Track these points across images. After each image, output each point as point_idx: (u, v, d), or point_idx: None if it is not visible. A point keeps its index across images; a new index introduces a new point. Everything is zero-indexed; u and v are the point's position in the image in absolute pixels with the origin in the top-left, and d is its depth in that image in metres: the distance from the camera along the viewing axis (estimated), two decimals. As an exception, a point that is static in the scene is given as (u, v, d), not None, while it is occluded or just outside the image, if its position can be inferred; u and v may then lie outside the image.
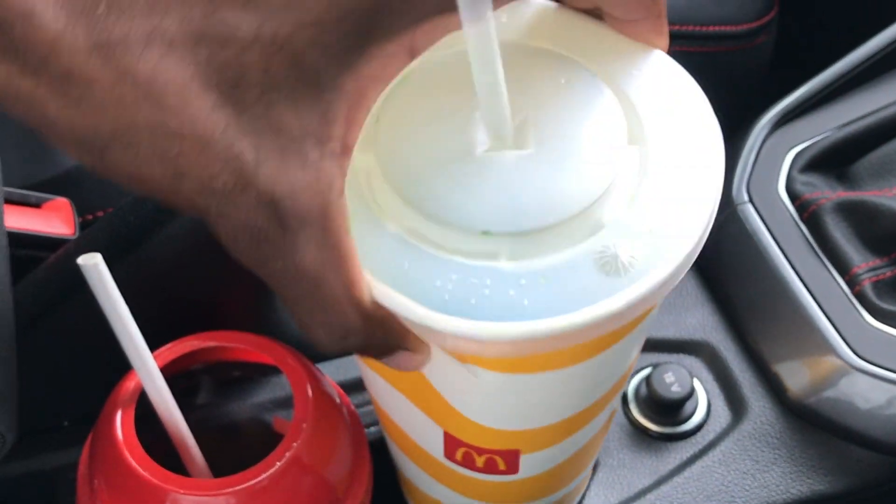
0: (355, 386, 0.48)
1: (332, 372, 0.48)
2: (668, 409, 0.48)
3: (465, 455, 0.34)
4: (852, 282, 0.49)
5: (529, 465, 0.35)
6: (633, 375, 0.50)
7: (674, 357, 0.51)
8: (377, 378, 0.34)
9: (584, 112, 0.27)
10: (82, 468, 0.39)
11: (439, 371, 0.30)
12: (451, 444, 0.34)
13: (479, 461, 0.34)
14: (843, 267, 0.49)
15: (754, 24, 0.61)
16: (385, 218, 0.27)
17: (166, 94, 0.24)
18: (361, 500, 0.40)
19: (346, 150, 0.26)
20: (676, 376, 0.48)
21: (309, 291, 0.26)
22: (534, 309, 0.25)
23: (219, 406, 0.45)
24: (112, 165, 0.25)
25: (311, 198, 0.25)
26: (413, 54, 0.27)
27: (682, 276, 0.26)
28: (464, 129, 0.27)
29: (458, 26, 0.25)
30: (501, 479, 0.36)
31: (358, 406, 0.48)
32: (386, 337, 0.28)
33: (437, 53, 0.28)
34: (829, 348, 0.47)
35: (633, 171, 0.27)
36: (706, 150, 0.27)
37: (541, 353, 0.27)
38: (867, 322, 0.48)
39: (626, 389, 0.50)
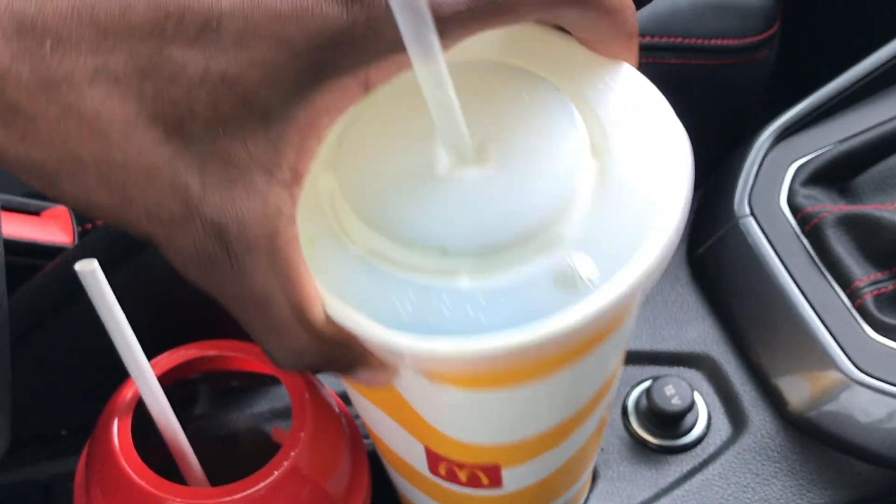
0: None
1: (332, 382, 0.48)
2: (668, 422, 0.48)
3: (448, 470, 0.34)
4: (854, 295, 0.49)
5: (513, 479, 0.35)
6: (633, 388, 0.50)
7: (674, 370, 0.51)
8: (357, 395, 0.34)
9: (547, 127, 0.27)
10: (79, 477, 0.39)
11: (411, 389, 0.30)
12: (433, 459, 0.34)
13: (462, 476, 0.34)
14: (844, 280, 0.49)
15: (756, 38, 0.61)
16: (346, 239, 0.27)
17: (111, 129, 0.24)
18: None
19: (296, 178, 0.26)
20: (677, 389, 0.48)
21: (260, 315, 0.27)
22: (491, 326, 0.25)
23: (217, 416, 0.44)
24: (63, 193, 0.25)
25: (257, 225, 0.25)
26: (368, 88, 0.27)
27: (643, 291, 0.26)
28: (425, 150, 0.27)
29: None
30: (488, 494, 0.35)
31: (357, 417, 0.48)
32: (344, 356, 0.28)
33: (402, 78, 0.28)
34: (831, 361, 0.47)
35: (595, 185, 0.27)
36: (672, 164, 0.27)
37: (501, 370, 0.27)
38: (868, 335, 0.47)
39: (626, 402, 0.50)
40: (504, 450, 0.33)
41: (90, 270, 0.32)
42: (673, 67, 0.55)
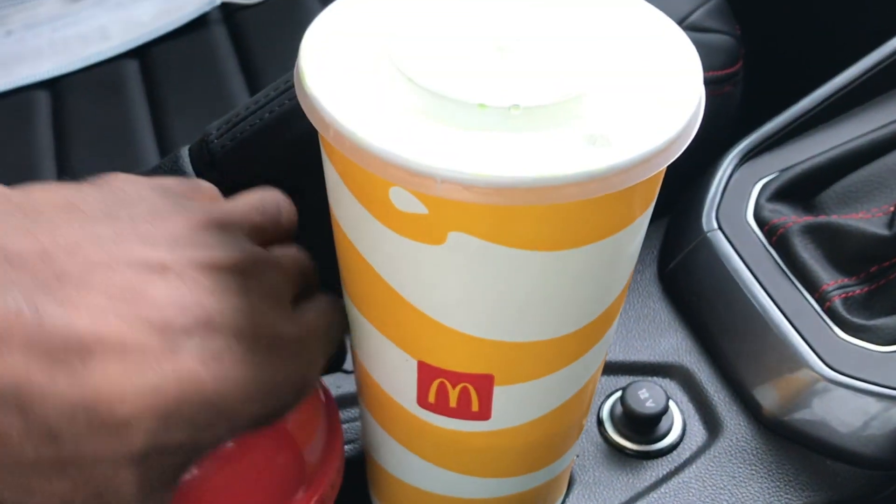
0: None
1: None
2: (643, 426, 0.48)
3: (439, 392, 0.34)
4: (822, 299, 0.49)
5: (503, 408, 0.35)
6: (607, 398, 0.50)
7: (648, 379, 0.51)
8: (354, 314, 0.35)
9: (589, 40, 0.32)
10: None
11: (402, 264, 0.31)
12: (425, 378, 0.34)
13: (453, 398, 0.34)
14: (812, 285, 0.50)
15: (719, 73, 0.63)
16: (394, 97, 0.29)
17: None
18: (332, 480, 0.39)
19: None
20: (651, 393, 0.48)
21: None
22: (520, 162, 0.27)
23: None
24: None
25: None
26: None
27: (663, 162, 0.29)
28: (474, 37, 0.31)
29: None
30: (474, 429, 0.35)
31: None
32: None
33: None
34: (803, 363, 0.47)
35: (623, 82, 0.30)
36: (686, 73, 0.31)
37: (524, 205, 0.28)
38: (839, 336, 0.48)
39: (601, 411, 0.50)
40: (501, 351, 0.33)
41: None
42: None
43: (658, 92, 0.30)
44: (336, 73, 0.30)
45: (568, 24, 0.32)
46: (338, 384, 0.50)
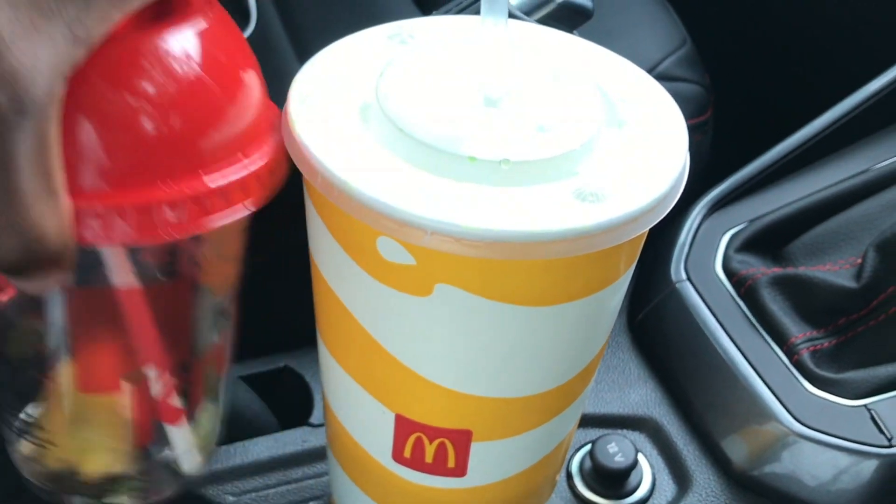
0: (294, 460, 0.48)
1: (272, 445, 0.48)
2: (612, 480, 0.48)
3: (416, 446, 0.34)
4: (790, 351, 0.49)
5: (479, 465, 0.34)
6: (576, 451, 0.50)
7: (617, 432, 0.50)
8: (330, 365, 0.35)
9: (574, 95, 0.32)
10: None
11: (386, 314, 0.31)
12: (402, 431, 0.33)
13: (429, 453, 0.34)
14: (780, 338, 0.50)
15: (689, 122, 0.63)
16: (384, 146, 0.29)
17: None
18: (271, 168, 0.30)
19: (88, 41, 0.25)
20: (620, 446, 0.48)
21: (14, 184, 0.25)
22: (511, 216, 0.27)
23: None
24: None
25: (47, 80, 0.24)
26: None
27: (652, 220, 0.29)
28: (461, 89, 0.31)
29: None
30: (448, 486, 0.35)
31: (299, 480, 0.47)
32: (63, 248, 0.26)
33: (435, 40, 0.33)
34: (771, 416, 0.47)
35: (610, 140, 0.31)
36: (672, 131, 0.32)
37: (512, 259, 0.28)
38: (807, 389, 0.48)
39: (570, 464, 0.49)
40: (480, 406, 0.33)
41: None
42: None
43: (645, 149, 0.30)
44: (325, 120, 0.30)
45: (553, 78, 0.32)
46: (304, 438, 0.49)
